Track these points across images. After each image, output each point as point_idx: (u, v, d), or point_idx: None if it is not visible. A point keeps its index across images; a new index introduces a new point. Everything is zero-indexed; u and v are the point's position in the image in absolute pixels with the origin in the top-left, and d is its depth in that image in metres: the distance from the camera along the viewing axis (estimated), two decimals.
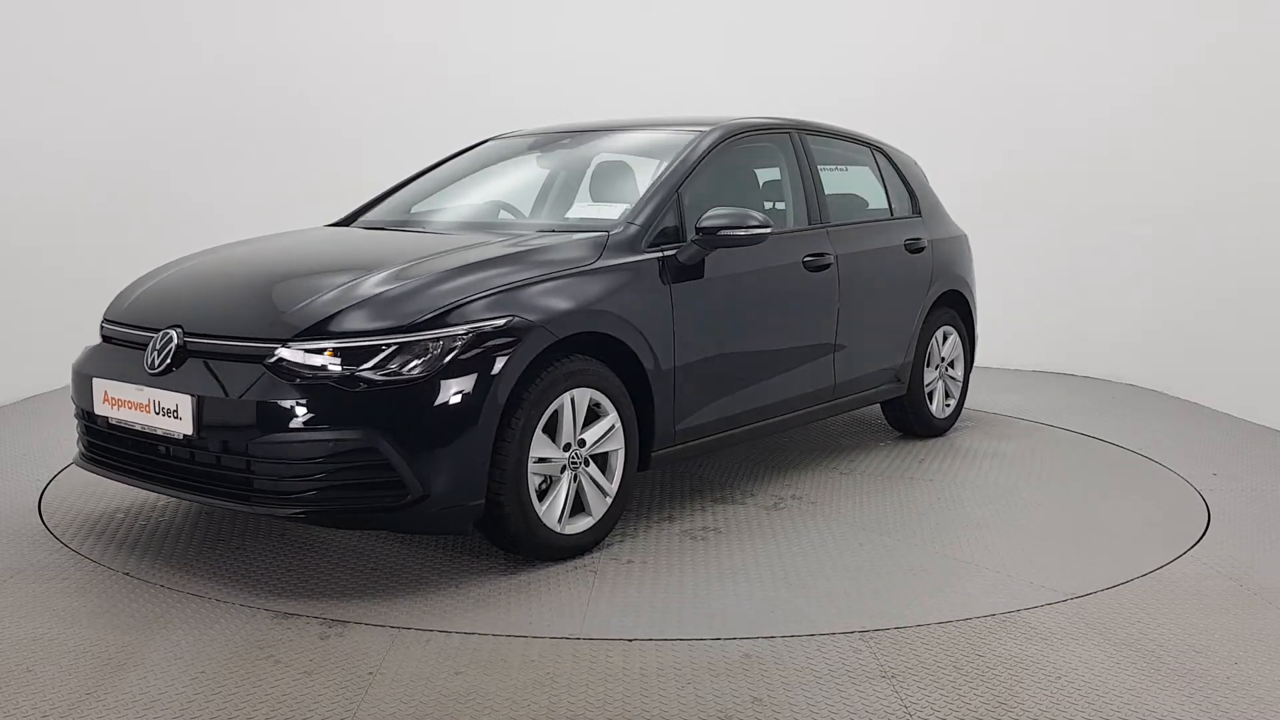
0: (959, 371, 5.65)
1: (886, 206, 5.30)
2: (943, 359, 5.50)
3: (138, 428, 3.34)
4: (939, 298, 5.38)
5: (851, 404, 4.93)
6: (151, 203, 7.16)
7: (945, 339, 5.50)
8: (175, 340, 3.33)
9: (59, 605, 3.13)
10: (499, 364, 3.20)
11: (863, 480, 4.64)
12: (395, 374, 3.10)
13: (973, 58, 7.51)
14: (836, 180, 5.13)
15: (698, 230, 3.89)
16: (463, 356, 3.16)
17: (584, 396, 3.48)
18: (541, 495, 3.41)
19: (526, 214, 4.66)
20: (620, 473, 3.63)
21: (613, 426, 3.59)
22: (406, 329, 3.15)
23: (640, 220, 3.87)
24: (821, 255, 4.52)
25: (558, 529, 3.43)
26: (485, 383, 3.17)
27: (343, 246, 4.10)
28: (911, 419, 5.39)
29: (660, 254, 3.84)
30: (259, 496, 3.13)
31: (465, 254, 3.55)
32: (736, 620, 3.07)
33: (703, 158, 4.18)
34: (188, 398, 3.18)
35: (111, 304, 3.84)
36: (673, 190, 4.00)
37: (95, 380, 3.49)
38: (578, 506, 3.53)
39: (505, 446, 3.24)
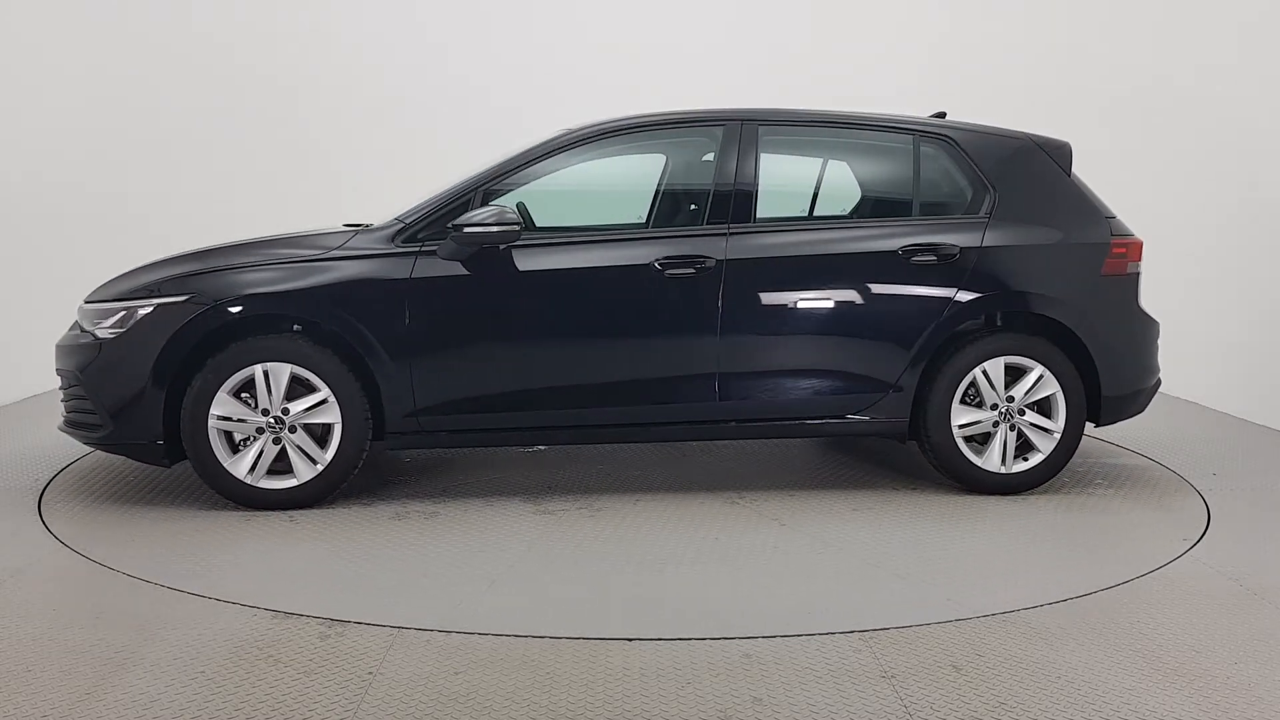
0: (1058, 421, 4.34)
1: (910, 204, 4.44)
2: (1009, 399, 4.32)
3: None
4: (995, 319, 4.44)
5: (772, 430, 4.32)
6: (154, 203, 7.16)
7: (1021, 375, 4.32)
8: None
9: (59, 605, 3.14)
10: (172, 333, 3.89)
11: (728, 510, 4.11)
12: (103, 333, 3.95)
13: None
14: (825, 173, 4.74)
15: (451, 228, 4.00)
16: (145, 325, 3.92)
17: (281, 370, 3.96)
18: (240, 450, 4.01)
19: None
20: (336, 445, 3.99)
21: (324, 401, 3.99)
22: (115, 299, 4.00)
23: (408, 218, 4.11)
24: (694, 259, 4.10)
25: (247, 480, 3.97)
26: (157, 347, 3.89)
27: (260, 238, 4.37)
28: (942, 467, 4.37)
29: (417, 250, 4.03)
30: (67, 419, 4.14)
31: (233, 243, 4.18)
32: (322, 598, 3.11)
33: (526, 160, 4.19)
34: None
35: None
36: (463, 192, 4.12)
37: None
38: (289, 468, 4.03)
39: (182, 402, 3.92)
